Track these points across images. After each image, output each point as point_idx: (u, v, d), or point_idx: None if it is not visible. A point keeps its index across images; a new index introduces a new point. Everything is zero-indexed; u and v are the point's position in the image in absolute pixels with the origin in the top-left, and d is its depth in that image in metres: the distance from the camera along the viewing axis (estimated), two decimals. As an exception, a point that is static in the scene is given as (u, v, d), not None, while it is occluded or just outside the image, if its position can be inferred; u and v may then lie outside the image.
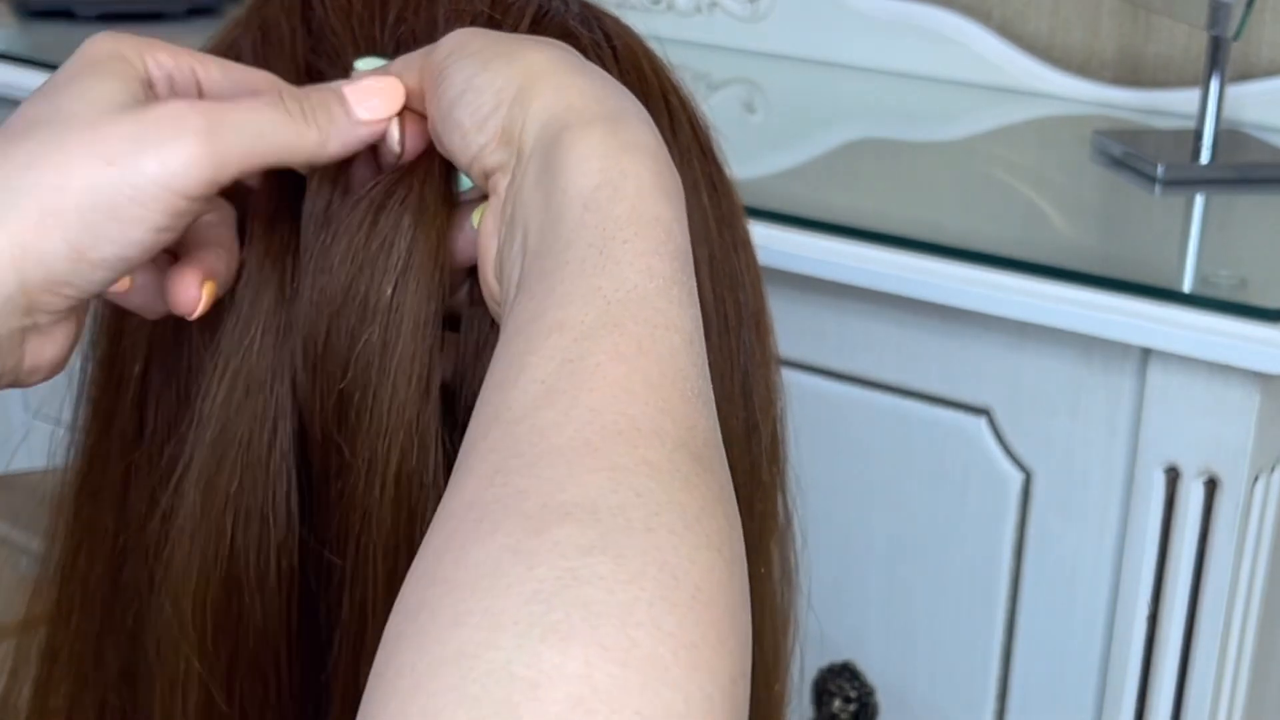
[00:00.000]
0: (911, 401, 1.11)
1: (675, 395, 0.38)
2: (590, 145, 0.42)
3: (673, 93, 0.54)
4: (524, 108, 0.43)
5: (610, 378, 0.38)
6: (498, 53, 0.45)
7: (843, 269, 1.06)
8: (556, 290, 0.40)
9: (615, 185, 0.41)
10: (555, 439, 0.36)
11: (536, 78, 0.44)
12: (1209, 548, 1.00)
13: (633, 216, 0.41)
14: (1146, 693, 1.04)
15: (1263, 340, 0.94)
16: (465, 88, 0.44)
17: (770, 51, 1.58)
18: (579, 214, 0.41)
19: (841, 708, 1.15)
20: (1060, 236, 1.14)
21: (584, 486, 0.35)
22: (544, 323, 0.39)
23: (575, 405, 0.37)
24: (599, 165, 0.41)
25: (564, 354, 0.38)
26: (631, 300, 0.39)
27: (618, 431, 0.37)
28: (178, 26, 1.69)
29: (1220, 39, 1.20)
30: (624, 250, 0.40)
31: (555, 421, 0.37)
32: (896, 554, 1.13)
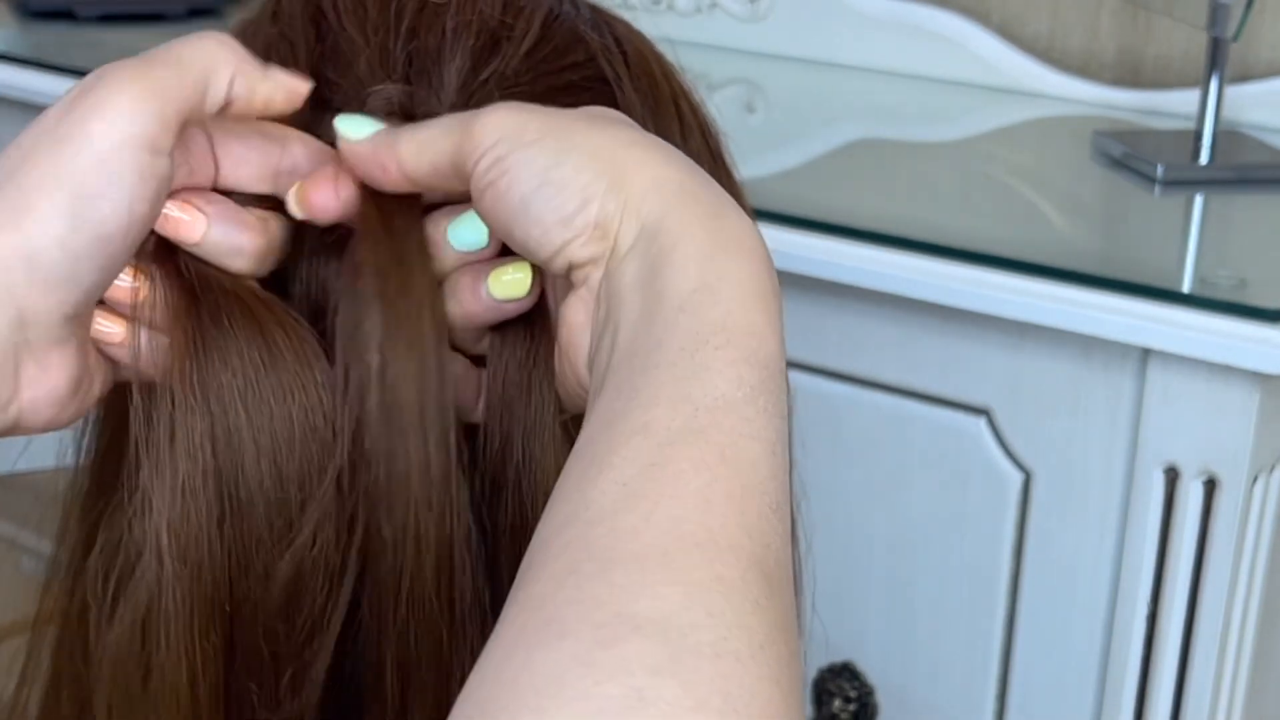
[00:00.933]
0: (911, 401, 1.11)
1: (753, 510, 0.38)
2: (690, 247, 0.42)
3: (683, 98, 0.54)
4: (619, 204, 0.43)
5: (691, 487, 0.37)
6: (570, 143, 0.44)
7: (843, 269, 1.06)
8: (643, 392, 0.40)
9: (712, 289, 0.41)
10: (632, 545, 0.36)
11: (626, 172, 0.43)
12: (1208, 547, 1.00)
13: (726, 322, 0.41)
14: (1146, 692, 1.04)
15: (1262, 340, 0.94)
16: (542, 182, 0.43)
17: (770, 52, 1.58)
18: (674, 315, 0.41)
19: (841, 708, 1.15)
20: (1060, 237, 1.15)
21: (658, 599, 0.35)
22: (629, 424, 0.39)
23: (655, 512, 0.37)
24: (697, 268, 0.41)
25: (647, 458, 0.38)
26: (718, 408, 0.39)
27: (695, 544, 0.36)
28: (178, 28, 1.69)
29: (1220, 40, 1.20)
30: (715, 357, 0.40)
31: (633, 527, 0.37)
32: (896, 554, 1.13)
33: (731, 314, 0.41)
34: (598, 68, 0.52)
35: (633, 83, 0.52)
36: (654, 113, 0.52)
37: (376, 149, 0.46)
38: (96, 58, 1.57)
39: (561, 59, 0.51)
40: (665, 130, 0.52)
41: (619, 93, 0.51)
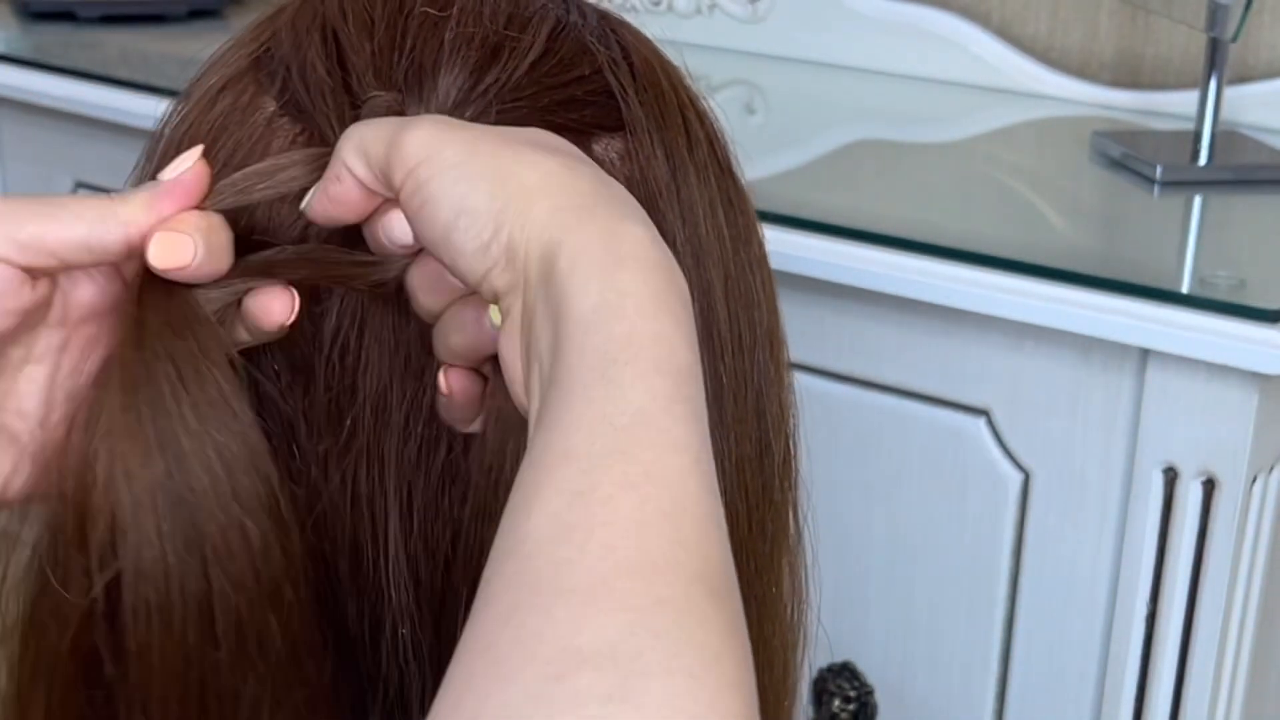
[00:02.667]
0: (911, 402, 1.11)
1: (688, 523, 0.38)
2: (585, 266, 0.41)
3: (690, 107, 0.54)
4: (524, 230, 0.42)
5: (622, 510, 0.37)
6: (481, 166, 0.43)
7: (843, 270, 1.07)
8: (564, 419, 0.39)
9: (613, 305, 0.41)
10: (569, 579, 0.36)
11: (531, 198, 0.43)
12: (1207, 548, 1.00)
13: (632, 337, 0.40)
14: (1145, 692, 1.04)
15: (1261, 341, 0.94)
16: (459, 210, 0.43)
17: (770, 53, 1.58)
18: (580, 337, 0.40)
19: (841, 707, 1.16)
20: (1059, 237, 1.15)
21: (601, 629, 0.35)
22: (552, 454, 0.39)
23: (589, 541, 0.37)
24: (597, 286, 0.41)
25: (575, 486, 0.38)
26: (637, 425, 0.39)
27: (632, 568, 0.36)
28: (179, 28, 1.69)
29: (1218, 41, 1.21)
30: (624, 372, 0.39)
31: (569, 559, 0.36)
32: (896, 554, 1.13)
33: (636, 327, 0.40)
34: (603, 81, 0.51)
35: (638, 95, 0.51)
36: (660, 126, 0.51)
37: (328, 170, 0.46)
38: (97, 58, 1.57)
39: (566, 73, 0.51)
40: (671, 143, 0.51)
41: (624, 106, 0.51)
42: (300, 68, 0.50)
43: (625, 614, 0.35)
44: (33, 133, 1.54)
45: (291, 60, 0.51)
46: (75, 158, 1.51)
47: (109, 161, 1.47)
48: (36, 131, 1.53)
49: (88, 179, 1.52)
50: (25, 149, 1.56)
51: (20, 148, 1.57)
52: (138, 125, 1.39)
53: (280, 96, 0.50)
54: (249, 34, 0.53)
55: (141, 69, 1.53)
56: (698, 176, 0.52)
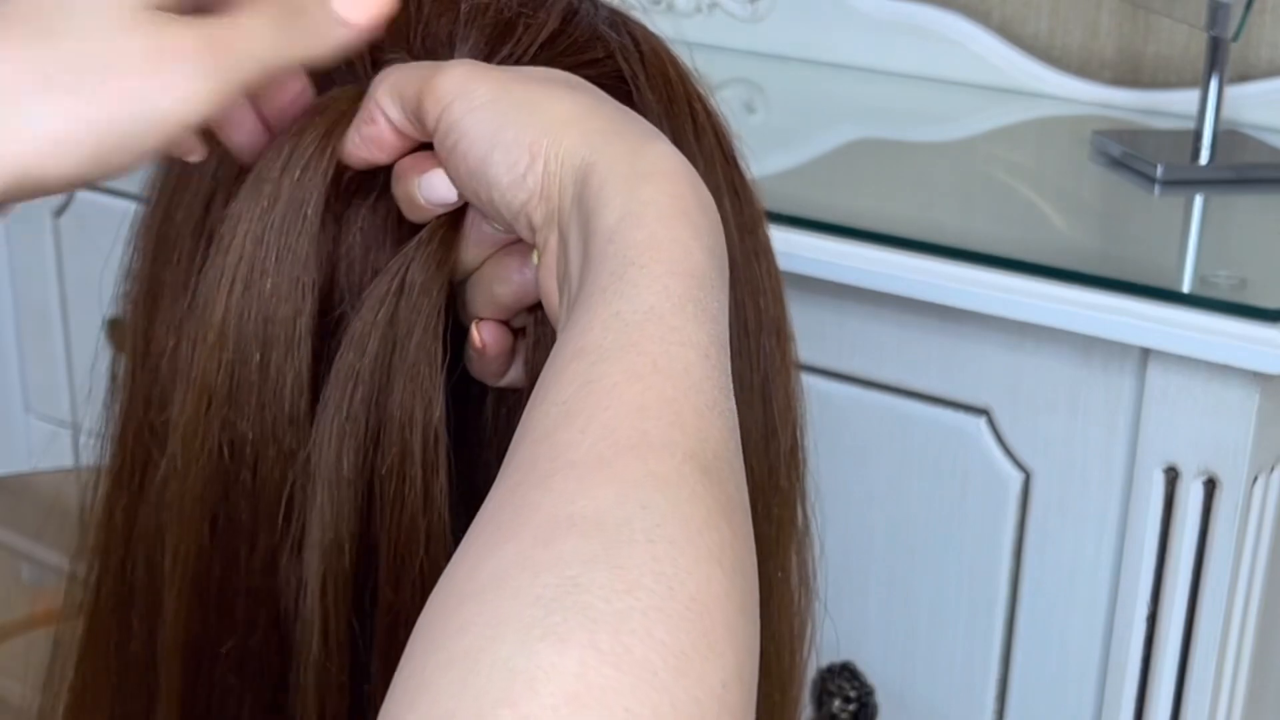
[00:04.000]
0: (911, 401, 1.11)
1: (688, 409, 0.39)
2: (613, 182, 0.43)
3: (697, 99, 0.55)
4: (557, 160, 0.44)
5: (625, 396, 0.39)
6: (513, 102, 0.45)
7: (843, 269, 1.06)
8: (581, 319, 0.41)
9: (636, 214, 0.43)
10: (570, 455, 0.38)
11: (563, 127, 0.45)
12: (1208, 548, 1.00)
13: (651, 242, 0.42)
14: (1146, 692, 1.04)
15: (1262, 340, 0.94)
16: (493, 144, 0.45)
17: (770, 52, 1.58)
18: (603, 247, 0.42)
19: (841, 708, 1.15)
20: (1060, 237, 1.15)
21: (593, 499, 0.37)
22: (568, 350, 0.41)
23: (591, 422, 0.39)
24: (621, 200, 0.43)
25: (583, 376, 0.40)
26: (649, 320, 0.41)
27: (629, 446, 0.38)
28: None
29: (1219, 40, 1.20)
30: (641, 275, 0.41)
31: (571, 440, 0.38)
32: (896, 554, 1.13)
33: (655, 234, 0.42)
34: (615, 65, 0.52)
35: (649, 82, 0.52)
36: (669, 114, 0.52)
37: (362, 114, 0.48)
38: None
39: (579, 54, 0.52)
40: (679, 131, 0.52)
41: (635, 92, 0.52)
42: None
43: (617, 485, 0.37)
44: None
45: None
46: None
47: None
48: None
49: (87, 178, 1.52)
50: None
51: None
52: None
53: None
54: None
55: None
56: (705, 165, 0.53)
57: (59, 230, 1.59)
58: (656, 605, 0.35)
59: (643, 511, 0.37)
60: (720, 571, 0.37)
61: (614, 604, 0.35)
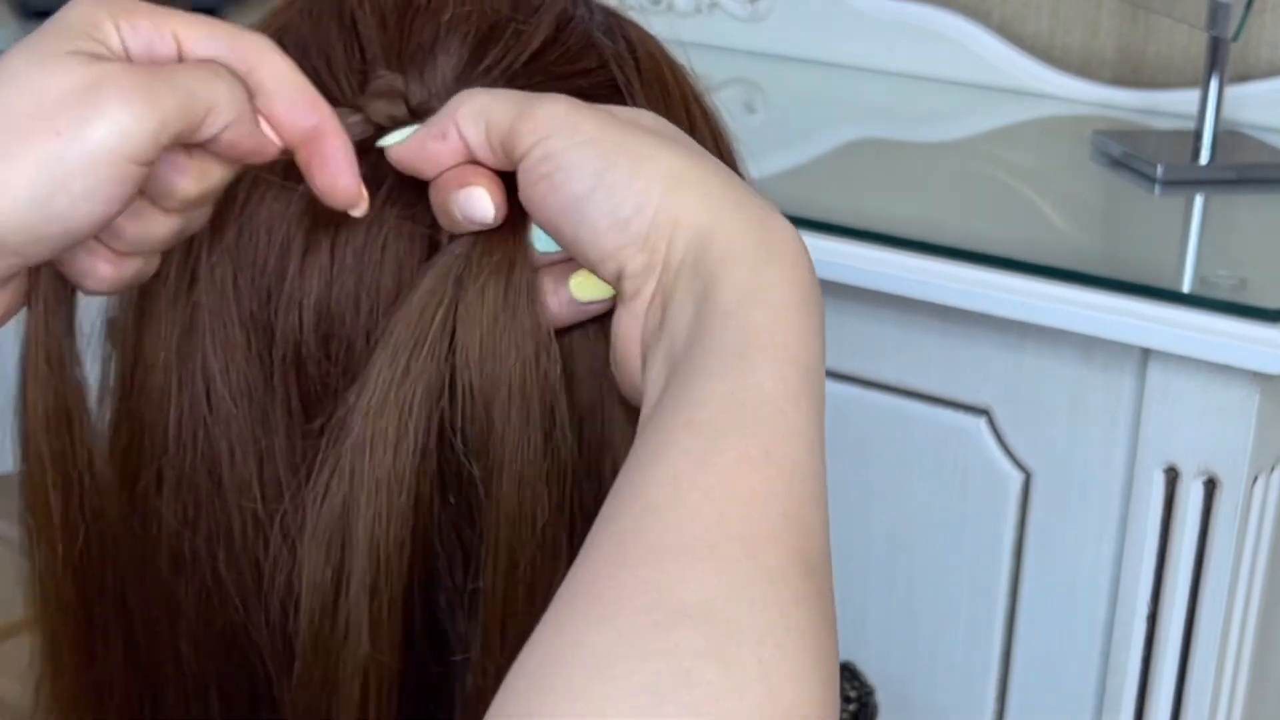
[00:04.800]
0: (911, 401, 1.11)
1: (795, 504, 0.40)
2: (739, 256, 0.43)
3: (695, 103, 0.54)
4: (672, 217, 0.44)
5: (738, 483, 0.39)
6: (617, 145, 0.45)
7: (843, 269, 1.06)
8: (694, 389, 0.41)
9: (758, 296, 0.43)
10: (681, 536, 0.38)
11: (679, 184, 0.44)
12: (1208, 548, 1.00)
13: (771, 327, 0.43)
14: (1146, 692, 1.04)
15: (1262, 340, 0.94)
16: (595, 184, 0.44)
17: (770, 52, 1.58)
18: (722, 321, 0.42)
19: (841, 708, 1.16)
20: (1060, 237, 1.15)
21: (703, 587, 0.37)
22: (679, 420, 0.41)
23: (703, 504, 0.39)
24: (745, 275, 0.43)
25: (697, 453, 0.40)
26: (764, 406, 0.41)
27: (740, 536, 0.38)
28: (178, 27, 1.69)
29: (1219, 40, 1.20)
30: (760, 359, 0.42)
31: (682, 519, 0.38)
32: (896, 554, 1.13)
33: (776, 319, 0.43)
34: (609, 74, 0.52)
35: (644, 89, 0.52)
36: None
37: (434, 123, 0.47)
38: (96, 58, 1.52)
39: (573, 64, 0.51)
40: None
41: (629, 100, 0.51)
42: (321, 47, 0.51)
43: (728, 577, 0.37)
44: (32, 132, 1.53)
45: (311, 41, 0.51)
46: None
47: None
48: (36, 131, 1.53)
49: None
50: (25, 148, 1.56)
51: (20, 147, 1.57)
52: (137, 124, 1.39)
53: None
54: (259, 26, 0.53)
55: (141, 68, 1.52)
56: None
57: (59, 230, 1.59)
58: (759, 708, 0.35)
59: (751, 608, 0.37)
60: (818, 678, 0.37)
61: (721, 704, 0.35)
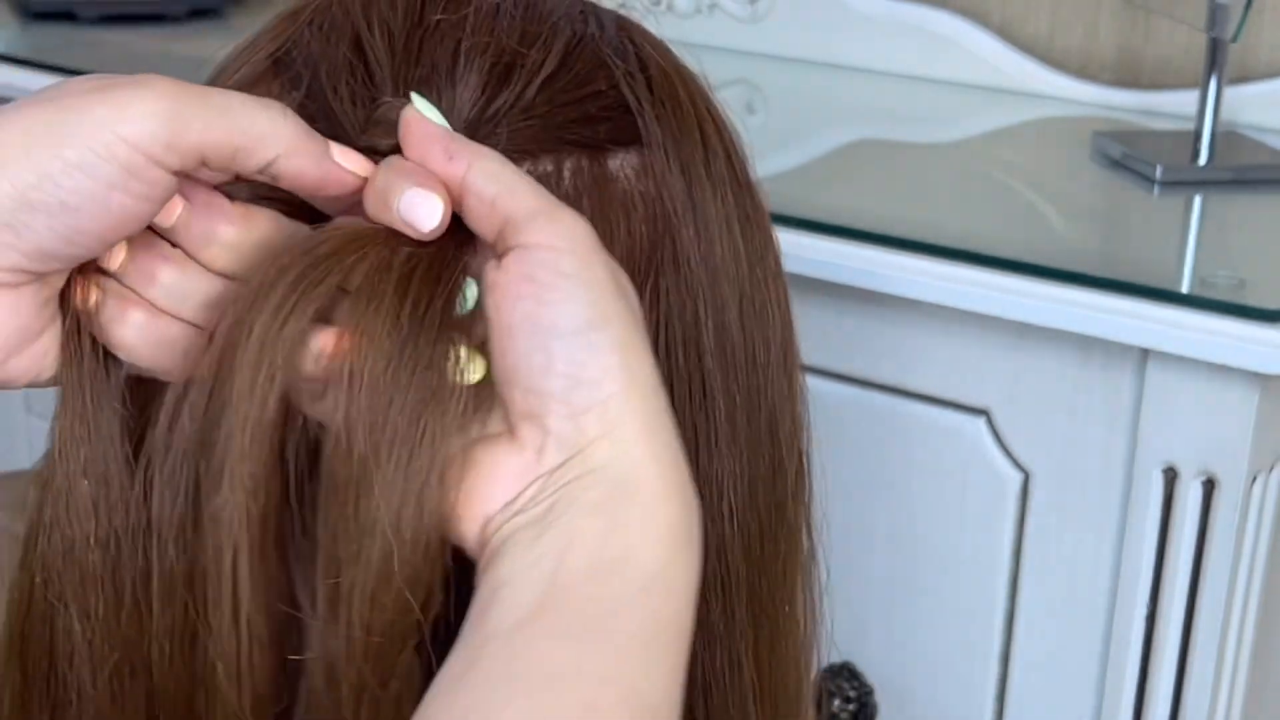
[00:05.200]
0: (911, 402, 1.11)
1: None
2: (662, 525, 0.43)
3: (708, 120, 0.53)
4: (615, 419, 0.43)
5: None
6: (614, 312, 0.43)
7: (843, 269, 1.07)
8: (593, 661, 0.41)
9: (670, 581, 0.43)
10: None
11: (637, 398, 0.43)
12: (1207, 548, 1.00)
13: (675, 620, 0.43)
14: (1145, 692, 1.04)
15: (1261, 341, 0.94)
16: (579, 331, 0.42)
17: (770, 53, 1.58)
18: (634, 593, 0.42)
19: (841, 708, 1.16)
20: (1059, 237, 1.15)
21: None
22: (579, 694, 0.40)
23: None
24: (664, 553, 0.42)
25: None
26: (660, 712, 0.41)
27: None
28: (179, 28, 1.69)
29: (1219, 41, 1.21)
30: (664, 656, 0.42)
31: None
32: (896, 554, 1.13)
33: (680, 614, 0.42)
34: (619, 95, 0.51)
35: (655, 109, 0.51)
36: (676, 141, 0.51)
37: (454, 138, 0.45)
38: (97, 58, 1.56)
39: (581, 89, 0.51)
40: (688, 159, 0.51)
41: (641, 121, 0.51)
42: (330, 70, 0.50)
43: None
44: (33, 132, 1.53)
45: (320, 63, 0.50)
46: (75, 157, 1.51)
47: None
48: (37, 131, 1.53)
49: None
50: (25, 149, 1.56)
51: (20, 147, 1.56)
52: (138, 125, 1.39)
53: (304, 103, 0.49)
54: (265, 37, 0.53)
55: (142, 69, 1.52)
56: (714, 192, 0.52)
57: (60, 230, 1.59)
58: None
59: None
60: None
61: None
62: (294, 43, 0.52)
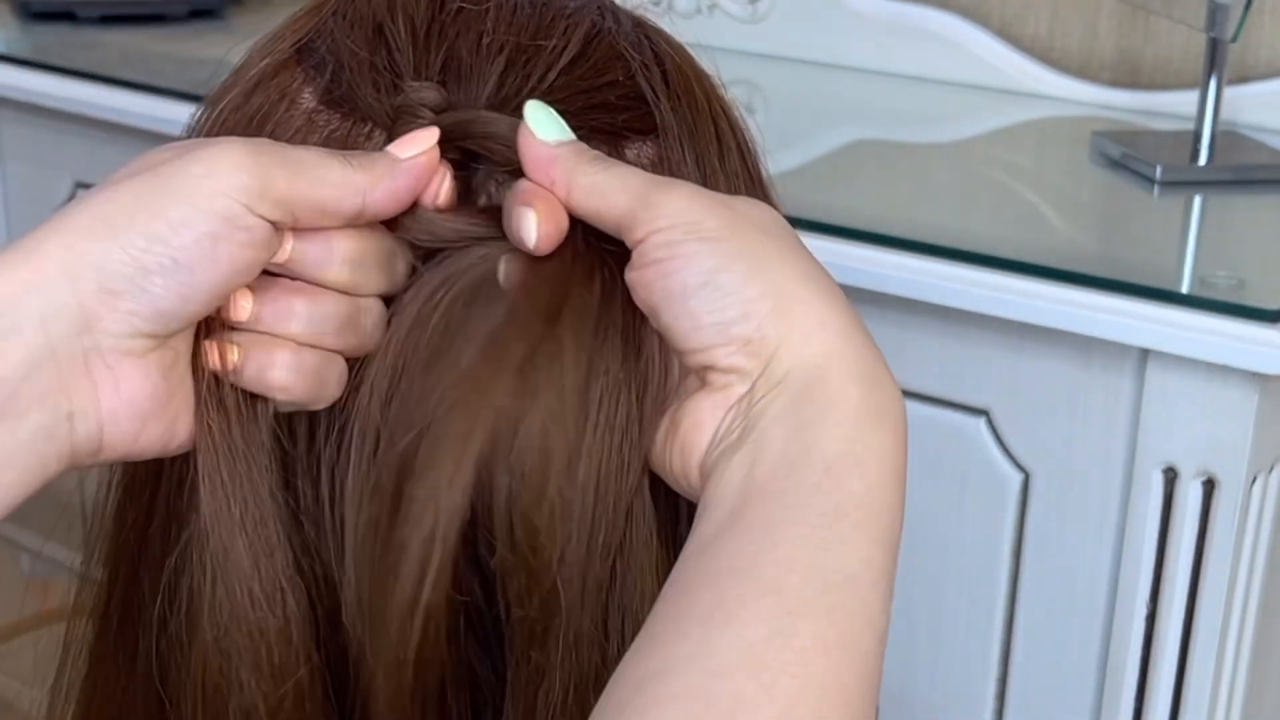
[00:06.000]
0: (911, 402, 1.10)
1: (859, 697, 0.41)
2: (845, 409, 0.44)
3: (723, 117, 0.55)
4: (779, 334, 0.44)
5: (813, 668, 0.40)
6: (742, 251, 0.45)
7: (843, 270, 1.06)
8: (780, 548, 0.41)
9: (859, 459, 0.43)
10: (753, 713, 0.38)
11: (793, 303, 0.45)
12: (1207, 548, 1.00)
13: (866, 499, 0.43)
14: (1145, 692, 1.04)
15: (1261, 341, 0.94)
16: (707, 280, 0.44)
17: (770, 53, 1.58)
18: (818, 477, 0.42)
19: (841, 707, 1.16)
20: (1059, 237, 1.15)
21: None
22: (761, 581, 0.41)
23: (775, 685, 0.39)
24: (847, 433, 0.43)
25: (776, 624, 0.40)
26: (848, 588, 0.41)
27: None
28: (179, 28, 1.69)
29: (1218, 41, 1.21)
30: (853, 533, 0.42)
31: (755, 695, 0.38)
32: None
33: (872, 491, 0.43)
34: (635, 86, 0.52)
35: (670, 101, 0.52)
36: (691, 133, 0.52)
37: (556, 161, 0.47)
38: (97, 59, 1.56)
39: (599, 77, 0.52)
40: (702, 151, 0.52)
41: (656, 112, 0.52)
42: (353, 58, 0.51)
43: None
44: (33, 133, 1.54)
45: (343, 51, 0.51)
46: (75, 158, 1.51)
47: (109, 162, 1.47)
48: (36, 131, 1.53)
49: (88, 179, 1.52)
50: (25, 149, 1.56)
51: (20, 148, 1.57)
52: (138, 125, 1.39)
53: (329, 88, 0.51)
54: (288, 29, 0.54)
55: (141, 69, 1.52)
56: (728, 185, 0.53)
57: (60, 231, 1.59)
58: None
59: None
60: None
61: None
62: (317, 32, 0.53)
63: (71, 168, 1.52)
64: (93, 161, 1.50)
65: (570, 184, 0.47)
